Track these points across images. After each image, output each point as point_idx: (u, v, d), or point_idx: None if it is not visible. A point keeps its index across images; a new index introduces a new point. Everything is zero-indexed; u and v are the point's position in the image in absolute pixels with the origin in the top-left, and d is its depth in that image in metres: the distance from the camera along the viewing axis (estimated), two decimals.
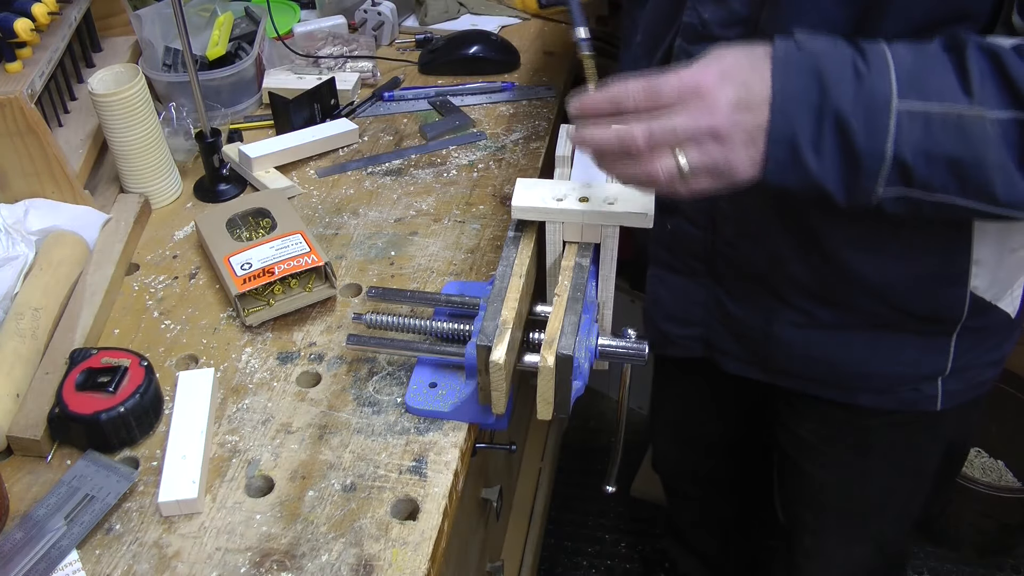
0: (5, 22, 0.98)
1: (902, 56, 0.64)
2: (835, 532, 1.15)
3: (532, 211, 0.80)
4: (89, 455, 0.79)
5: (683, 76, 0.64)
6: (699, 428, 1.32)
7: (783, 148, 0.64)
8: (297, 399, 0.85)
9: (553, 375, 0.72)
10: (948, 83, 0.63)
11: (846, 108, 0.63)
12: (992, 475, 1.83)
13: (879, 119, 0.63)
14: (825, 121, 0.63)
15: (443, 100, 1.29)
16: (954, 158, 0.63)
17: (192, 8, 1.32)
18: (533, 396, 0.75)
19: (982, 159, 0.63)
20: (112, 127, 1.04)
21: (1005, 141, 0.62)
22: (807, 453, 1.08)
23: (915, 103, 0.63)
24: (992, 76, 0.62)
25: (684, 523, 1.56)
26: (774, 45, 0.65)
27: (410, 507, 0.75)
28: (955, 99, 0.62)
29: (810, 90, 0.63)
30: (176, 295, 0.98)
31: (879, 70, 0.63)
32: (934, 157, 0.63)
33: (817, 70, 0.63)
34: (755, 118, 0.64)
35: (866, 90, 0.63)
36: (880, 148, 0.63)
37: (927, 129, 0.63)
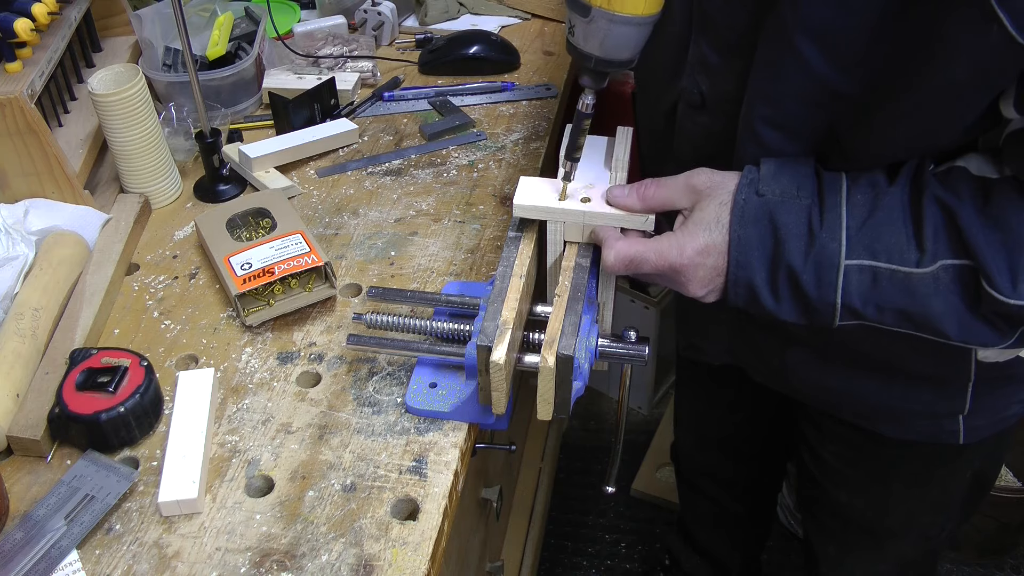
0: (5, 22, 0.98)
1: (858, 207, 0.67)
2: (857, 549, 1.14)
3: (534, 210, 0.80)
4: (89, 455, 0.79)
5: (661, 254, 0.72)
6: (722, 432, 1.32)
7: (742, 289, 0.70)
8: (297, 399, 0.85)
9: (553, 375, 0.72)
10: (899, 240, 0.65)
11: (797, 263, 0.67)
12: None
13: (827, 274, 0.67)
14: (779, 271, 0.68)
15: (443, 100, 1.29)
16: (902, 309, 0.66)
17: (192, 8, 1.32)
18: (533, 396, 0.75)
19: (930, 311, 0.66)
20: (112, 127, 1.04)
21: (954, 287, 0.64)
22: (830, 475, 1.07)
23: (864, 260, 0.66)
24: (944, 230, 0.64)
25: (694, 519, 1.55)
26: (736, 188, 0.70)
27: (410, 507, 0.75)
28: (904, 258, 0.65)
29: (765, 241, 0.68)
30: (176, 295, 0.98)
31: (831, 227, 0.67)
32: (883, 307, 0.67)
33: (773, 222, 0.68)
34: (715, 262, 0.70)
35: (817, 247, 0.67)
36: (830, 299, 0.68)
37: (875, 283, 0.66)
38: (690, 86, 0.77)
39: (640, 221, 0.77)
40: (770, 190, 0.69)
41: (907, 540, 1.11)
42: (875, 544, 1.12)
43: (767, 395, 1.05)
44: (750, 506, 1.45)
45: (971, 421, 0.89)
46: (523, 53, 1.40)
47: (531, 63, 1.40)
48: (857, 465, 1.03)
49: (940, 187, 0.65)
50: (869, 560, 1.15)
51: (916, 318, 0.67)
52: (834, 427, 1.01)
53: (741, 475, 1.38)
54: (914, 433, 0.91)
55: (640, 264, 0.73)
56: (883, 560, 1.14)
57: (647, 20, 0.69)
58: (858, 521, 1.10)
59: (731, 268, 0.70)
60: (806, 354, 0.89)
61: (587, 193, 0.79)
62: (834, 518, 1.13)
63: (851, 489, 1.07)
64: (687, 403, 1.37)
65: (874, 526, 1.09)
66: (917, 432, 0.91)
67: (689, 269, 0.71)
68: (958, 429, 0.89)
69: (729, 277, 0.70)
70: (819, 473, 1.09)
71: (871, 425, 0.93)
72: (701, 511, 1.52)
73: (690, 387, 1.33)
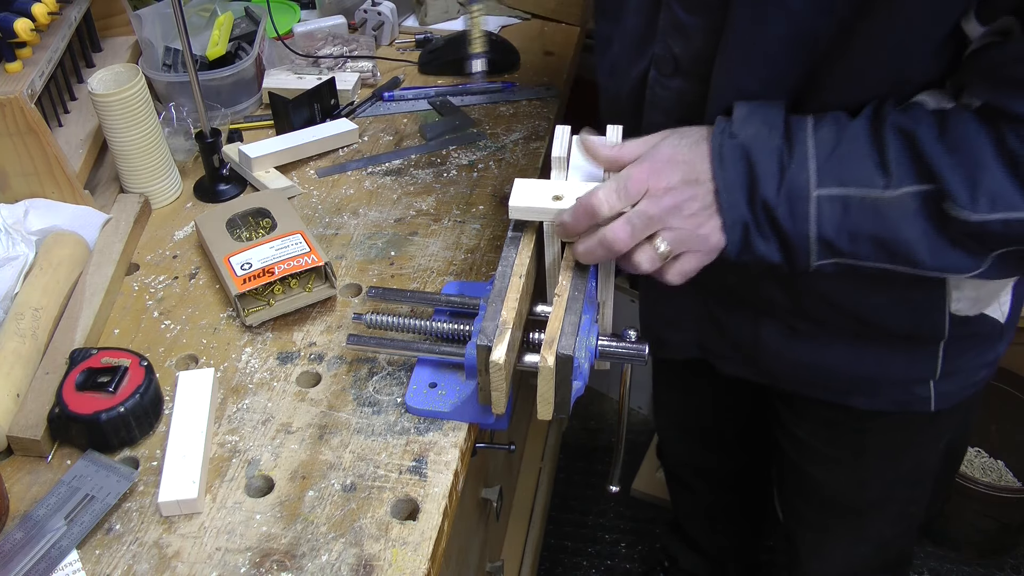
0: (5, 22, 0.98)
1: (824, 141, 0.69)
2: (836, 530, 1.15)
3: (529, 211, 0.80)
4: (89, 455, 0.79)
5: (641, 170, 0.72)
6: (700, 423, 1.33)
7: (737, 230, 0.72)
8: (297, 399, 0.85)
9: (553, 375, 0.72)
10: (866, 167, 0.68)
11: (770, 197, 0.70)
12: (992, 475, 1.83)
13: (799, 206, 0.69)
14: (757, 208, 0.70)
15: (443, 100, 1.29)
16: (875, 235, 0.69)
17: (192, 8, 1.32)
18: (533, 396, 0.75)
19: (901, 235, 0.68)
20: (112, 127, 1.04)
21: (922, 213, 0.67)
22: (806, 454, 1.08)
23: (833, 189, 0.68)
24: (907, 156, 0.66)
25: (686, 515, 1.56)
26: (711, 134, 0.71)
27: (410, 507, 0.75)
28: (871, 182, 0.67)
29: (744, 180, 0.70)
30: (176, 295, 0.98)
31: (800, 161, 0.69)
32: (856, 235, 0.69)
33: (748, 161, 0.70)
34: (705, 189, 0.71)
35: (788, 180, 0.69)
36: (804, 230, 0.70)
37: (846, 212, 0.69)
38: (662, 52, 0.78)
39: None
40: (743, 131, 0.71)
41: (884, 518, 1.12)
42: (854, 525, 1.13)
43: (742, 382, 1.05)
44: (738, 496, 1.45)
45: (941, 387, 0.91)
46: (523, 53, 1.40)
47: (531, 63, 1.40)
48: (832, 442, 1.05)
49: (900, 116, 0.68)
50: (848, 543, 1.16)
51: (889, 245, 0.69)
52: (807, 406, 1.02)
53: (725, 465, 1.39)
54: (886, 403, 0.93)
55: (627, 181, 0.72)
56: (862, 542, 1.15)
57: None
58: (836, 501, 1.11)
59: (723, 211, 0.71)
60: (778, 329, 0.91)
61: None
62: (812, 500, 1.14)
63: (828, 466, 1.08)
64: (664, 396, 1.38)
65: (852, 505, 1.11)
66: (889, 402, 0.93)
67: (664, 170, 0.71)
68: (929, 396, 0.92)
69: (725, 221, 0.71)
70: (795, 453, 1.10)
71: (843, 399, 0.95)
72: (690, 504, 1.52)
73: (666, 379, 1.34)
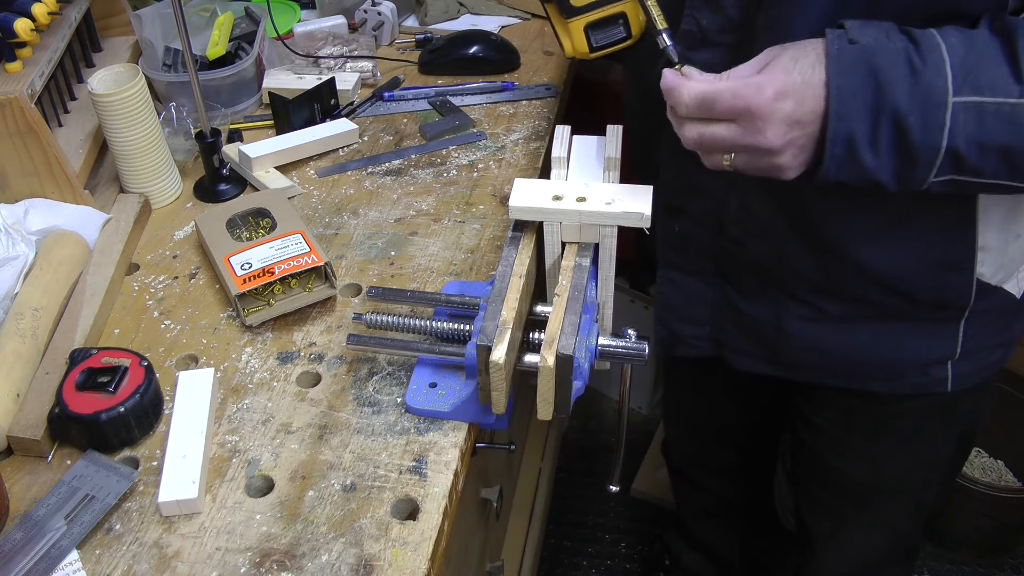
0: (5, 22, 0.98)
1: (955, 48, 0.65)
2: (852, 520, 1.16)
3: (529, 211, 0.80)
4: (89, 455, 0.79)
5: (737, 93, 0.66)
6: (711, 419, 1.33)
7: (841, 147, 0.66)
8: (297, 399, 0.85)
9: (553, 375, 0.72)
10: (1001, 74, 0.64)
11: (902, 106, 0.64)
12: (992, 475, 1.83)
13: (935, 115, 0.64)
14: (882, 119, 0.65)
15: (443, 100, 1.29)
16: (1006, 146, 0.65)
17: (192, 8, 1.32)
18: (533, 396, 0.75)
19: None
20: (112, 127, 1.04)
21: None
22: (825, 442, 1.09)
23: (969, 97, 0.64)
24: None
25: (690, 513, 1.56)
26: (827, 40, 0.66)
27: (410, 507, 0.75)
28: (1007, 90, 0.64)
29: (866, 88, 0.65)
30: (176, 295, 0.98)
31: (935, 65, 0.64)
32: (987, 147, 0.65)
33: (872, 67, 0.65)
34: (806, 132, 0.66)
35: (922, 86, 0.64)
36: (936, 142, 0.65)
37: (981, 121, 0.64)
38: (688, 25, 0.77)
39: (636, 219, 0.77)
40: (863, 38, 0.66)
41: (898, 506, 1.13)
42: (868, 514, 1.14)
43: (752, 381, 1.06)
44: (744, 493, 1.45)
45: (959, 368, 0.92)
46: (523, 53, 1.40)
47: (531, 63, 1.40)
48: (851, 429, 1.05)
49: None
50: (862, 532, 1.17)
51: (1016, 156, 0.65)
52: (826, 394, 1.02)
53: (734, 463, 1.39)
54: (905, 387, 0.93)
55: (714, 102, 0.68)
56: (875, 532, 1.16)
57: None
58: (852, 490, 1.12)
59: (831, 123, 0.65)
60: (801, 314, 0.91)
61: (582, 192, 0.79)
62: (829, 489, 1.15)
63: (845, 453, 1.08)
64: (675, 395, 1.38)
65: (868, 493, 1.11)
66: (908, 385, 0.93)
67: (766, 111, 0.66)
68: (947, 377, 0.92)
69: (828, 134, 0.66)
70: (813, 442, 1.11)
71: (862, 384, 0.95)
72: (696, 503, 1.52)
73: (677, 379, 1.34)
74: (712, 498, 1.46)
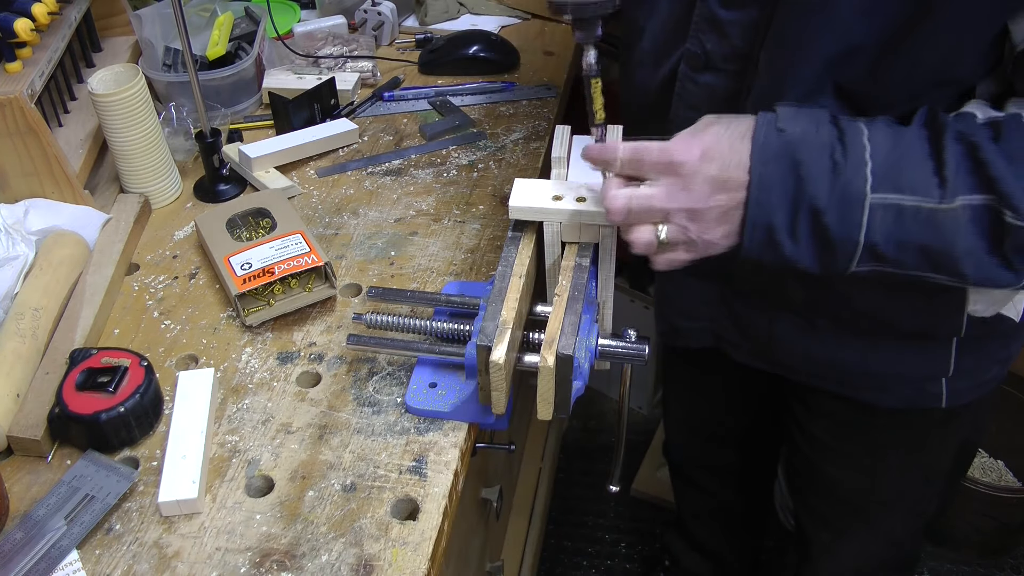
0: (5, 22, 0.98)
1: (879, 145, 0.65)
2: (850, 528, 1.15)
3: (529, 211, 0.80)
4: (89, 455, 0.79)
5: (666, 150, 0.67)
6: (710, 418, 1.33)
7: (760, 232, 0.67)
8: (297, 399, 0.85)
9: (553, 375, 0.72)
10: (923, 175, 0.64)
11: (821, 202, 0.65)
12: (992, 475, 1.83)
13: (852, 212, 0.65)
14: (800, 211, 0.66)
15: (443, 100, 1.29)
16: (925, 245, 0.65)
17: (192, 8, 1.32)
18: (533, 396, 0.75)
19: (952, 247, 0.65)
20: (112, 127, 1.04)
21: (975, 226, 0.64)
22: (821, 452, 1.09)
23: (889, 196, 0.65)
24: (967, 165, 0.64)
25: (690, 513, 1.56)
26: (755, 126, 0.67)
27: (410, 507, 0.75)
28: (928, 192, 0.64)
29: (787, 180, 0.66)
30: (176, 295, 0.98)
31: (855, 164, 0.65)
32: (905, 244, 0.66)
33: (795, 160, 0.65)
34: (731, 198, 0.67)
35: (842, 184, 0.65)
36: (853, 236, 0.66)
37: (899, 220, 0.65)
38: (693, 47, 0.77)
39: None
40: (790, 128, 0.66)
41: (897, 516, 1.12)
42: (866, 524, 1.13)
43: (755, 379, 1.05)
44: (744, 495, 1.45)
45: (954, 384, 0.90)
46: (523, 53, 1.40)
47: (531, 63, 1.40)
48: (847, 438, 1.05)
49: (959, 124, 0.65)
50: (860, 542, 1.16)
51: (935, 256, 0.66)
52: (823, 402, 1.02)
53: (733, 463, 1.39)
54: (897, 400, 0.93)
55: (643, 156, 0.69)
56: (873, 541, 1.15)
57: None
58: (850, 499, 1.11)
59: (750, 208, 0.67)
60: (793, 323, 0.91)
61: (582, 192, 0.79)
62: (826, 499, 1.14)
63: (842, 464, 1.08)
64: (675, 394, 1.38)
65: (866, 503, 1.10)
66: (900, 399, 0.92)
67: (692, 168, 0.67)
68: (941, 392, 0.91)
69: (747, 218, 0.67)
70: (810, 450, 1.10)
71: (853, 393, 0.94)
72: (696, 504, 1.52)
73: (677, 378, 1.34)
74: (712, 498, 1.47)
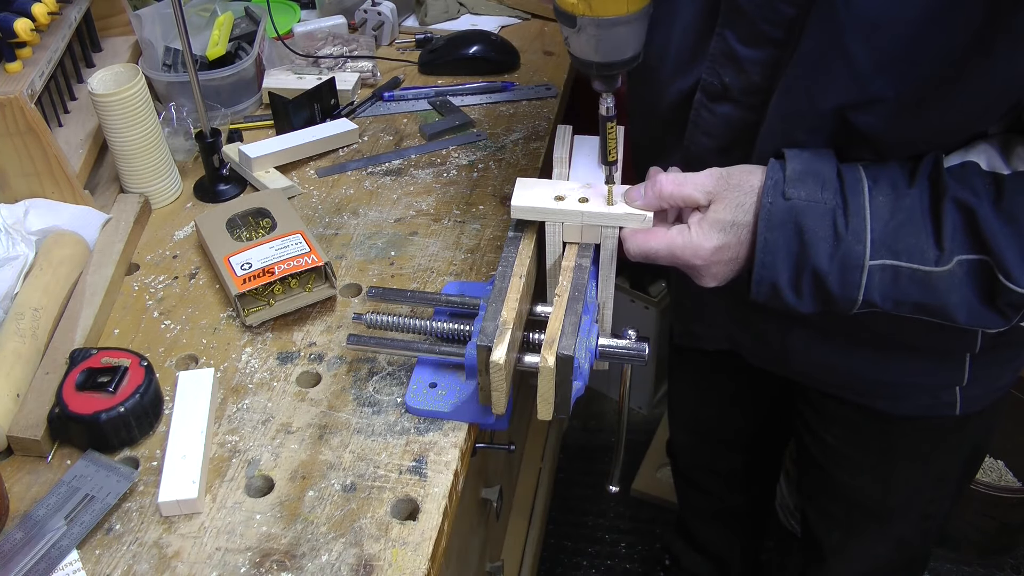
0: (5, 22, 0.98)
1: (880, 210, 0.69)
2: (861, 531, 1.15)
3: (531, 211, 0.80)
4: (89, 455, 0.79)
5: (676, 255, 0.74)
6: (718, 421, 1.32)
7: (766, 287, 0.73)
8: (297, 399, 0.85)
9: (553, 375, 0.72)
10: (920, 240, 0.68)
11: (822, 267, 0.70)
12: (992, 475, 1.83)
13: (852, 275, 0.69)
14: (804, 273, 0.71)
15: (443, 100, 1.29)
16: (919, 302, 0.69)
17: (192, 8, 1.32)
18: (533, 396, 0.75)
19: (946, 303, 0.69)
20: (112, 127, 1.04)
21: (970, 280, 0.67)
22: (833, 458, 1.09)
23: (886, 260, 0.69)
24: (963, 229, 0.67)
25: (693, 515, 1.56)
26: (763, 187, 0.71)
27: (410, 507, 0.75)
28: (924, 257, 0.68)
29: (791, 244, 0.70)
30: (176, 295, 0.98)
31: (856, 231, 0.69)
32: (901, 302, 0.70)
33: (799, 227, 0.70)
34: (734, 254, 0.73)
35: (842, 251, 0.69)
36: (853, 296, 0.70)
37: (896, 281, 0.69)
38: (710, 78, 0.77)
39: (639, 220, 0.77)
40: (796, 194, 0.70)
41: (908, 520, 1.12)
42: (878, 526, 1.14)
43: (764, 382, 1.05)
44: (748, 497, 1.45)
45: (968, 392, 0.91)
46: (523, 53, 1.40)
47: (531, 63, 1.40)
48: (860, 445, 1.05)
49: (958, 187, 0.67)
50: (872, 543, 1.17)
51: (930, 310, 0.70)
52: (836, 409, 1.02)
53: (739, 465, 1.39)
54: (911, 408, 0.93)
55: (655, 259, 0.76)
56: (883, 543, 1.16)
57: (636, 16, 0.68)
58: (862, 503, 1.11)
59: (757, 268, 0.72)
60: (807, 334, 0.91)
61: (584, 193, 0.79)
62: (838, 502, 1.15)
63: (855, 470, 1.08)
64: (682, 396, 1.37)
65: (878, 507, 1.11)
66: (914, 407, 0.93)
67: (703, 267, 0.74)
68: (955, 400, 0.92)
69: (754, 277, 0.72)
70: (822, 456, 1.10)
71: (869, 401, 0.95)
72: (699, 505, 1.52)
73: (685, 379, 1.34)
74: (715, 500, 1.46)
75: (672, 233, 0.74)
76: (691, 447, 1.43)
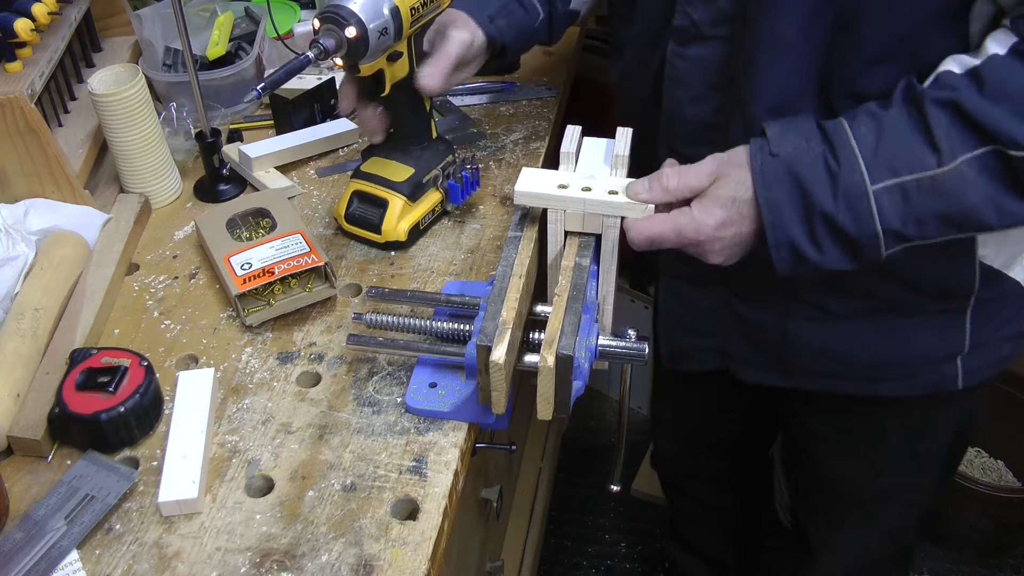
0: (5, 22, 0.98)
1: (865, 137, 0.69)
2: (849, 522, 1.16)
3: (534, 197, 0.80)
4: (89, 455, 0.79)
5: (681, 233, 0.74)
6: (702, 430, 1.32)
7: (785, 250, 0.72)
8: (297, 399, 0.85)
9: (553, 375, 0.72)
10: (914, 150, 0.68)
11: (829, 208, 0.70)
12: (992, 475, 1.83)
13: (860, 206, 0.69)
14: (815, 221, 0.71)
15: (443, 100, 1.29)
16: (941, 213, 0.68)
17: (192, 8, 1.32)
18: (533, 396, 0.75)
19: (966, 205, 0.68)
20: (112, 127, 1.04)
21: (986, 175, 0.66)
22: (821, 445, 1.09)
23: (888, 181, 0.68)
24: (955, 125, 0.66)
25: (684, 522, 1.56)
26: (749, 154, 0.72)
27: (410, 507, 0.75)
28: (924, 164, 0.67)
29: (793, 196, 0.70)
30: (176, 295, 0.98)
31: (849, 163, 0.69)
32: (922, 219, 0.69)
33: (795, 176, 0.70)
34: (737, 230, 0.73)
35: (842, 186, 0.69)
36: (870, 228, 0.70)
37: (906, 199, 0.69)
38: (681, 22, 0.79)
39: (640, 210, 0.77)
40: (782, 148, 0.71)
41: (895, 508, 1.14)
42: (865, 517, 1.15)
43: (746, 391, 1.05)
44: (739, 499, 1.45)
45: (969, 363, 0.92)
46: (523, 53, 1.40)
47: (531, 63, 1.40)
48: (849, 431, 1.06)
49: (935, 91, 0.68)
50: (859, 535, 1.17)
51: (955, 218, 0.69)
52: (827, 399, 1.02)
53: (727, 471, 1.39)
54: (917, 387, 0.94)
55: (661, 243, 0.76)
56: (872, 535, 1.16)
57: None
58: (850, 493, 1.12)
59: (769, 232, 0.71)
60: (807, 316, 0.91)
61: (587, 183, 0.79)
62: (827, 493, 1.15)
63: (843, 456, 1.09)
64: (669, 406, 1.37)
65: (865, 495, 1.12)
66: (920, 385, 0.94)
67: (707, 243, 0.74)
68: (957, 374, 0.93)
69: (769, 242, 0.72)
70: (811, 446, 1.11)
71: (872, 389, 0.95)
72: (689, 512, 1.52)
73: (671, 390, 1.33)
74: (705, 507, 1.46)
75: (674, 214, 0.75)
76: (674, 454, 1.43)
